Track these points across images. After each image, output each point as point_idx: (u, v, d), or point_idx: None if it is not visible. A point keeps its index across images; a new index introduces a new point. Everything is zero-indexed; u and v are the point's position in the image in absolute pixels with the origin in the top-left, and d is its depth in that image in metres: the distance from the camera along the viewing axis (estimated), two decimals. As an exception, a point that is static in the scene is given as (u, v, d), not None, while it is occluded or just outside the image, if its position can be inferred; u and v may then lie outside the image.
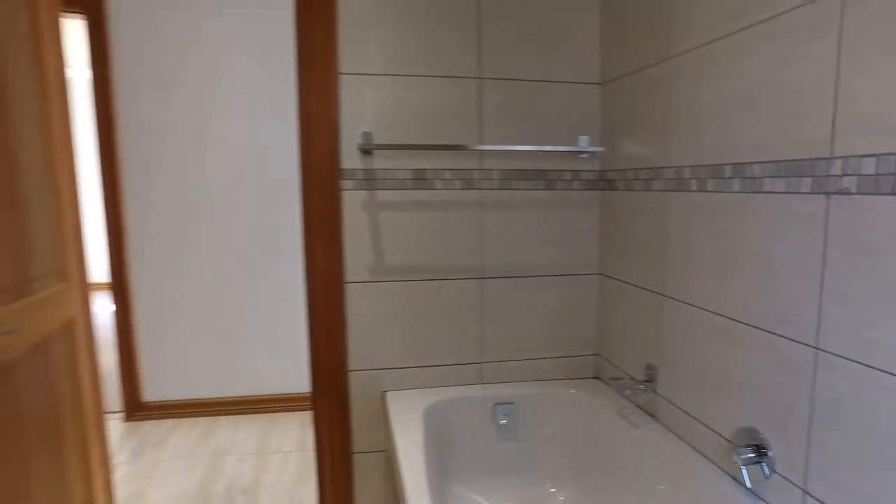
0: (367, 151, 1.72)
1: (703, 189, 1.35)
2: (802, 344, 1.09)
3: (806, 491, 1.09)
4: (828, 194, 1.02)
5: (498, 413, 1.83)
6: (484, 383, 1.90)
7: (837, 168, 1.00)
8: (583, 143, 1.79)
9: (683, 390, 1.47)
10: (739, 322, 1.25)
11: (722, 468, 1.32)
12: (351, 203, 1.74)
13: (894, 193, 0.90)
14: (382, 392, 1.85)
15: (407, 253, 1.80)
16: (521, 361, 1.92)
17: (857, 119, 0.96)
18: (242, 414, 3.00)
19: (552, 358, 1.94)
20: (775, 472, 1.17)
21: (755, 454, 1.20)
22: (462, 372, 1.89)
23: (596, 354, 1.97)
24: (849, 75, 0.97)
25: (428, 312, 1.84)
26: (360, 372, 1.83)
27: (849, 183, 0.98)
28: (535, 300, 1.90)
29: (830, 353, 1.02)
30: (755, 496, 1.21)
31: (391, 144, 1.70)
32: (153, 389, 2.98)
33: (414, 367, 1.85)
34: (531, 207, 1.86)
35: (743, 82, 1.22)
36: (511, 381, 1.92)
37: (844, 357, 1.00)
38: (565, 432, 1.84)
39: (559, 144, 1.84)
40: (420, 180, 1.77)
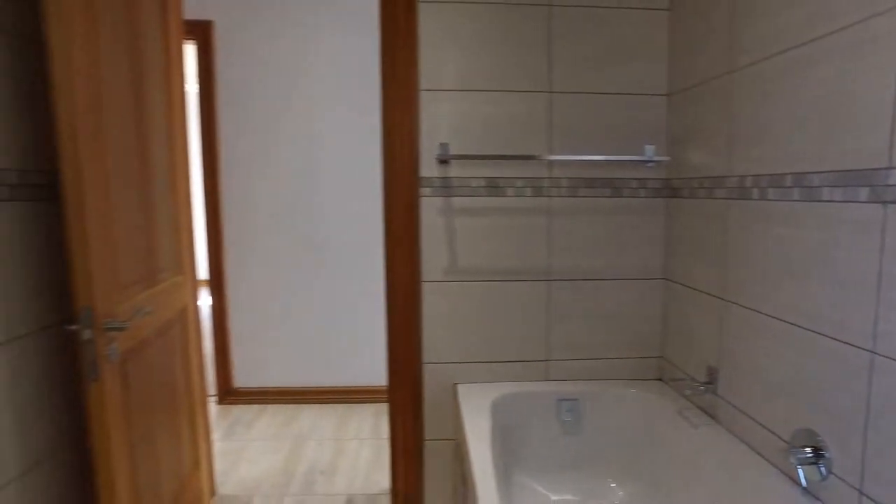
0: (444, 161, 1.88)
1: (765, 198, 1.40)
2: (859, 348, 1.13)
3: (862, 492, 1.12)
4: (885, 203, 1.06)
5: (562, 409, 1.92)
6: (549, 380, 2.01)
7: (895, 178, 1.04)
8: (648, 153, 1.86)
9: (743, 392, 1.52)
10: (798, 326, 1.30)
11: (779, 468, 1.37)
12: (428, 208, 1.89)
13: (946, 204, 0.94)
14: (453, 384, 1.99)
15: (479, 255, 1.93)
16: (586, 361, 2.01)
17: (912, 133, 1.00)
18: (322, 403, 3.23)
19: (616, 359, 2.02)
20: (832, 473, 1.20)
21: (812, 455, 1.24)
22: (529, 368, 2.00)
23: (660, 357, 2.02)
24: (904, 91, 1.02)
25: (498, 311, 1.97)
26: (434, 365, 1.98)
27: (904, 193, 1.02)
28: (601, 303, 1.99)
29: (886, 357, 1.06)
30: (812, 496, 1.24)
31: (466, 155, 1.85)
32: (243, 377, 3.27)
33: (483, 362, 1.98)
34: (597, 214, 1.95)
35: (803, 95, 1.27)
36: (575, 379, 2.01)
37: (898, 360, 1.04)
38: (627, 430, 1.91)
39: (625, 154, 1.92)
40: (492, 188, 1.91)
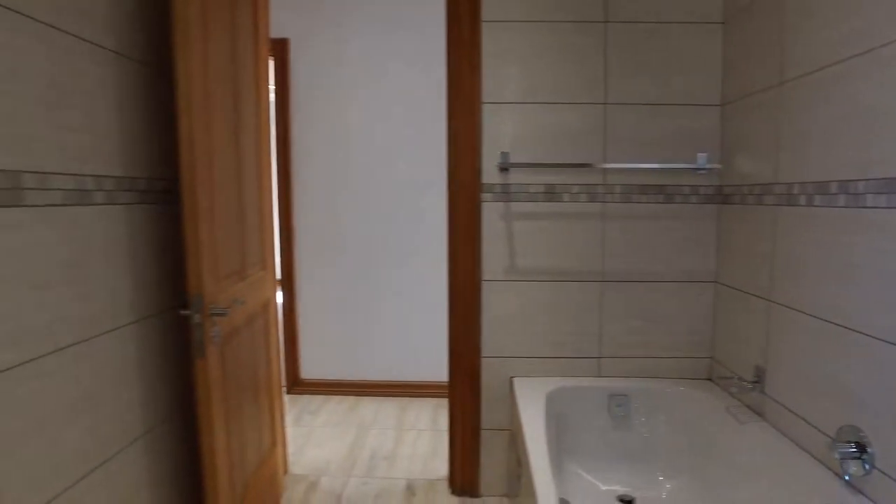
0: (505, 168, 2.02)
1: (811, 204, 1.47)
2: (900, 347, 1.20)
3: (903, 484, 1.19)
4: (925, 211, 1.13)
5: (613, 404, 2.02)
6: (601, 376, 2.11)
7: (934, 188, 1.11)
8: (701, 161, 1.95)
9: (789, 390, 1.59)
10: (843, 326, 1.37)
11: (824, 463, 1.43)
12: (489, 213, 2.04)
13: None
14: (510, 377, 2.12)
15: (536, 257, 2.07)
16: (637, 359, 2.10)
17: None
18: (382, 396, 3.43)
19: (667, 358, 2.10)
20: (875, 468, 1.27)
21: (856, 450, 1.30)
22: (581, 365, 2.11)
23: (709, 357, 2.09)
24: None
25: (553, 310, 2.09)
26: (491, 359, 2.12)
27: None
28: (653, 304, 2.08)
29: (924, 355, 1.13)
30: (855, 490, 1.31)
31: (526, 163, 1.99)
32: (310, 368, 3.50)
33: (538, 358, 2.11)
34: (650, 219, 2.04)
35: (848, 105, 1.34)
36: (627, 377, 2.11)
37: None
38: (675, 426, 1.99)
39: (678, 161, 2.01)
40: (549, 194, 2.04)
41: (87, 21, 1.32)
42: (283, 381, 3.47)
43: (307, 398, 3.42)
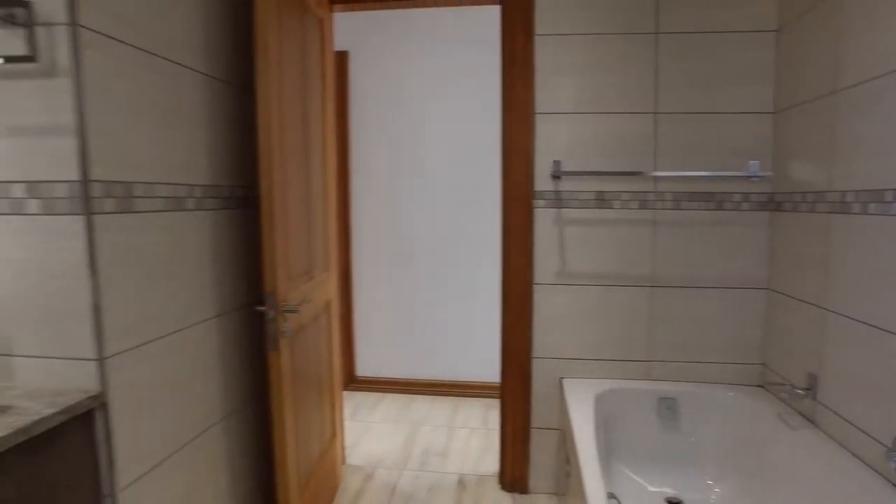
0: (557, 176, 2.09)
1: (865, 212, 1.48)
2: (954, 355, 1.21)
3: (957, 491, 1.20)
4: (980, 221, 1.14)
5: (662, 407, 2.06)
6: (650, 379, 2.15)
7: None
8: (753, 168, 1.96)
9: (843, 398, 1.59)
10: (896, 334, 1.38)
11: (879, 472, 1.44)
12: (542, 219, 2.12)
13: None
14: (559, 378, 2.19)
15: (587, 262, 2.13)
16: (686, 364, 2.13)
17: None
18: (433, 395, 3.54)
19: (717, 363, 2.12)
20: (930, 475, 1.28)
21: (911, 458, 1.31)
22: (630, 367, 2.15)
23: (761, 364, 2.10)
24: None
25: (603, 313, 2.14)
26: (542, 360, 2.19)
27: None
28: (703, 309, 2.11)
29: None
30: (908, 495, 1.32)
31: (577, 171, 2.05)
32: (364, 366, 3.65)
33: (588, 360, 2.17)
34: (701, 225, 2.07)
35: (905, 119, 1.36)
36: (676, 381, 2.14)
37: None
38: (725, 430, 2.01)
39: (728, 169, 2.04)
40: (600, 201, 2.10)
41: (187, 50, 1.48)
42: (340, 378, 3.62)
43: (362, 395, 3.56)
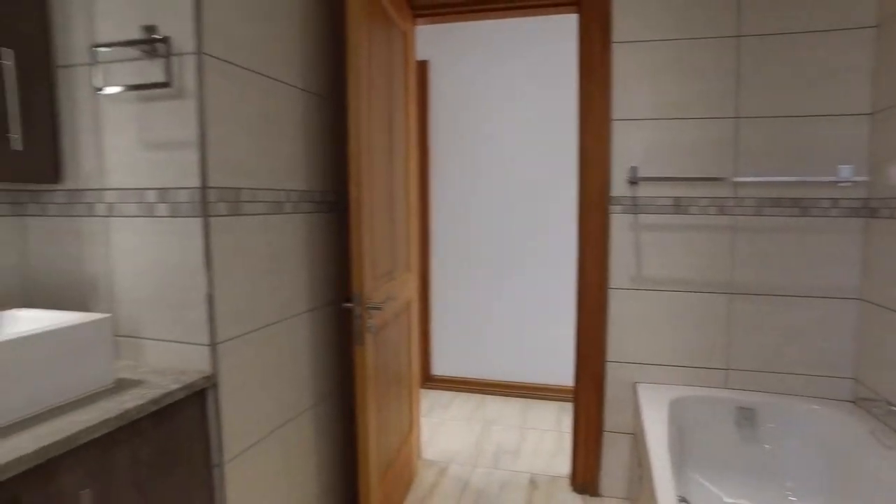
0: (634, 182, 2.10)
1: (966, 221, 1.41)
2: None
3: None
4: None
5: (740, 417, 2.02)
6: (728, 388, 2.11)
7: None
8: (844, 173, 1.89)
9: (940, 414, 1.52)
10: None
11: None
12: (617, 224, 2.14)
13: None
14: (633, 383, 2.19)
15: (663, 267, 2.12)
16: (768, 374, 2.07)
17: None
18: (506, 396, 3.60)
19: (802, 375, 2.05)
20: None
21: None
22: (706, 374, 2.13)
23: (853, 378, 2.01)
24: None
25: (679, 319, 2.13)
26: (616, 364, 2.20)
27: None
28: (787, 318, 2.04)
29: None
30: None
31: (656, 177, 2.06)
32: (440, 365, 3.76)
33: (663, 365, 2.16)
34: (784, 232, 2.02)
35: None
36: (756, 391, 2.09)
37: None
38: (810, 445, 1.94)
39: (814, 174, 1.97)
40: (678, 206, 2.09)
41: (286, 67, 1.64)
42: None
43: (437, 393, 3.68)
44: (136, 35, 1.30)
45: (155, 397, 1.16)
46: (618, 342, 2.19)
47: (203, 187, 1.31)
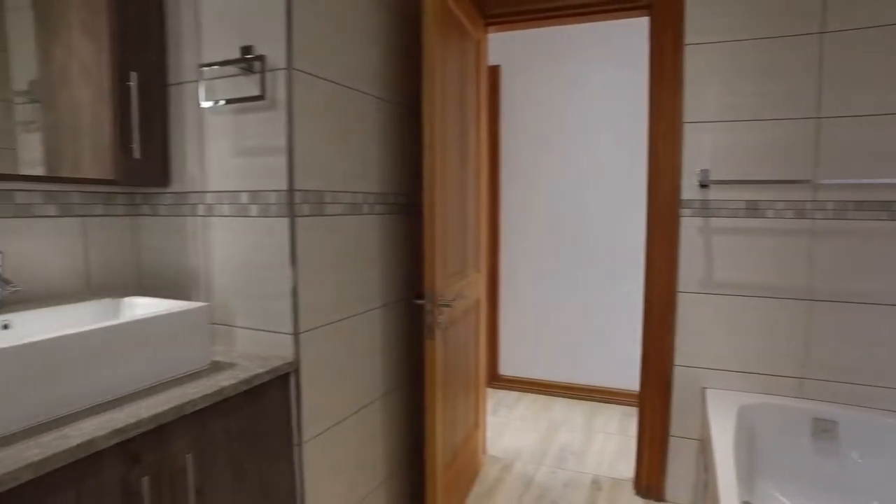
0: (705, 185, 2.08)
1: None
2: None
3: None
4: None
5: (817, 428, 1.95)
6: (803, 398, 2.04)
7: None
8: (937, 177, 1.79)
9: None
10: None
11: None
12: (688, 227, 2.12)
13: None
14: (702, 388, 2.16)
15: (735, 271, 2.08)
16: (851, 385, 1.99)
17: None
18: (571, 398, 3.60)
19: (886, 388, 1.95)
20: None
21: None
22: (779, 383, 2.07)
23: (944, 393, 1.89)
24: None
25: (751, 324, 2.08)
26: (684, 368, 2.18)
27: None
28: (870, 327, 1.95)
29: None
30: None
31: (729, 180, 2.02)
32: (507, 365, 3.82)
33: (733, 371, 2.12)
34: (869, 236, 1.93)
35: None
36: (836, 402, 2.00)
37: None
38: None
39: (903, 177, 1.88)
40: (751, 210, 2.04)
41: (364, 77, 1.76)
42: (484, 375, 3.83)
43: (503, 392, 3.73)
44: (236, 55, 1.45)
45: (246, 378, 1.30)
46: (686, 346, 2.17)
47: (290, 190, 1.44)
